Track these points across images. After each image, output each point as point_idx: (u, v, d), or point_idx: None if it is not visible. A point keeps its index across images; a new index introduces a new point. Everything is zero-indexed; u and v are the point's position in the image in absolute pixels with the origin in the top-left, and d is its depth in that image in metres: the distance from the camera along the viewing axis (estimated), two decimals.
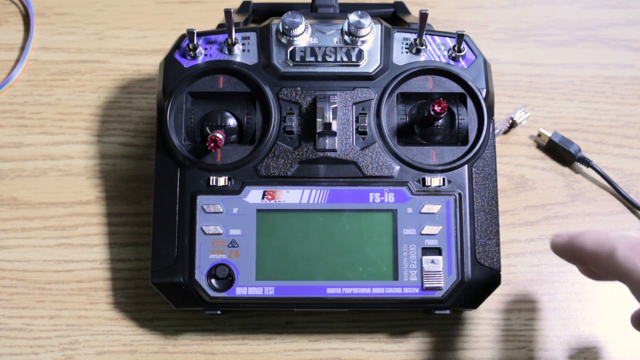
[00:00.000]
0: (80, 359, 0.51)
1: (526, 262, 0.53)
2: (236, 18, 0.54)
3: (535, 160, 0.56)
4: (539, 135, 0.56)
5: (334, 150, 0.48)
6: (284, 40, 0.49)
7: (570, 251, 0.42)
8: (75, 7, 0.61)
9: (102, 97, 0.58)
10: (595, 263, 0.40)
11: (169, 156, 0.48)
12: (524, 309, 0.52)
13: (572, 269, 0.53)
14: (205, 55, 0.49)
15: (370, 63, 0.49)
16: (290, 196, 0.47)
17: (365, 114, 0.48)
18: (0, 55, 0.59)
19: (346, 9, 0.56)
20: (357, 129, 0.48)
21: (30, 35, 0.59)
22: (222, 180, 0.48)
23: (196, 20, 0.61)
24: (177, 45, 0.50)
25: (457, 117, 0.49)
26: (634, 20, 0.61)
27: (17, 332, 0.51)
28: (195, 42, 0.49)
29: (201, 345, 0.51)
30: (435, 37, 0.50)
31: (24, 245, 0.53)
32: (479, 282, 0.47)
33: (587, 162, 0.55)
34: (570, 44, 0.60)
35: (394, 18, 0.59)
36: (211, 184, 0.48)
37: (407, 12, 0.59)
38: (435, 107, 0.47)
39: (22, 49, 0.60)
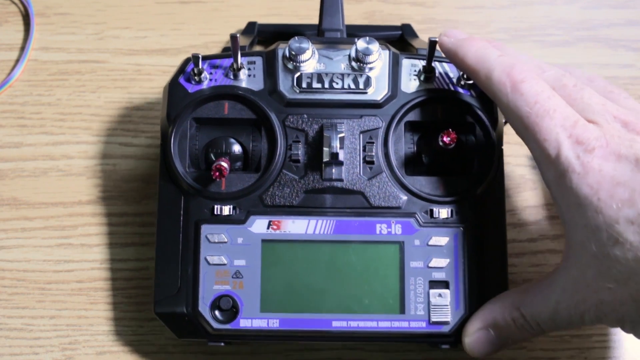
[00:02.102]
0: (80, 359, 0.51)
1: (526, 262, 0.53)
2: (241, 40, 0.53)
3: None
4: None
5: (341, 180, 0.47)
6: (290, 66, 0.48)
7: (453, 59, 0.46)
8: (75, 7, 0.61)
9: (102, 97, 0.58)
10: (475, 80, 0.45)
11: (173, 183, 0.48)
12: None
13: None
14: (210, 80, 0.48)
15: (378, 90, 0.48)
16: (296, 226, 0.47)
17: (373, 143, 0.47)
18: (0, 55, 0.59)
19: (353, 31, 0.56)
20: (364, 158, 0.47)
21: (30, 35, 0.59)
22: (226, 210, 0.47)
23: (196, 20, 0.61)
24: (181, 69, 0.49)
25: (465, 147, 0.49)
26: (634, 20, 0.61)
27: (17, 332, 0.51)
28: (200, 67, 0.48)
29: (201, 345, 0.51)
30: (444, 64, 0.49)
31: (24, 245, 0.53)
32: None
33: None
34: (570, 44, 0.60)
35: (401, 41, 0.58)
36: (215, 213, 0.47)
37: (414, 35, 0.58)
38: (445, 138, 0.46)
39: (22, 49, 0.60)
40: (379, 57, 0.48)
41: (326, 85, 0.48)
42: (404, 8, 0.61)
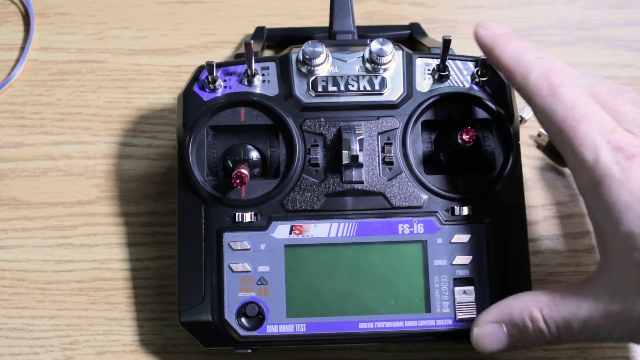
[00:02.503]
0: (80, 359, 0.51)
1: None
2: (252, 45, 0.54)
3: (535, 160, 0.56)
4: (539, 135, 0.56)
5: (361, 182, 0.47)
6: (304, 70, 0.48)
7: (489, 54, 0.45)
8: (75, 7, 0.61)
9: (102, 97, 0.58)
10: (510, 80, 0.44)
11: (192, 192, 0.47)
12: None
13: (572, 270, 0.53)
14: (225, 87, 0.48)
15: (393, 91, 0.48)
16: (318, 230, 0.47)
17: (391, 143, 0.48)
18: (0, 55, 0.59)
19: (361, 32, 0.55)
20: (383, 159, 0.47)
21: (30, 35, 0.59)
22: (248, 216, 0.47)
23: (196, 20, 0.61)
24: (195, 78, 0.49)
25: (483, 144, 0.49)
26: (634, 20, 0.61)
27: (17, 332, 0.51)
28: (214, 74, 0.48)
29: (201, 345, 0.51)
30: (458, 62, 0.49)
31: (24, 245, 0.53)
32: None
33: None
34: (570, 44, 0.60)
35: (410, 40, 0.58)
36: (237, 220, 0.47)
37: (423, 34, 0.58)
38: (464, 136, 0.46)
39: (22, 49, 0.60)
40: (392, 58, 0.48)
41: (342, 88, 0.48)
42: (404, 8, 0.61)
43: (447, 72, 0.49)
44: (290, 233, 0.47)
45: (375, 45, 0.47)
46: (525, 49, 0.43)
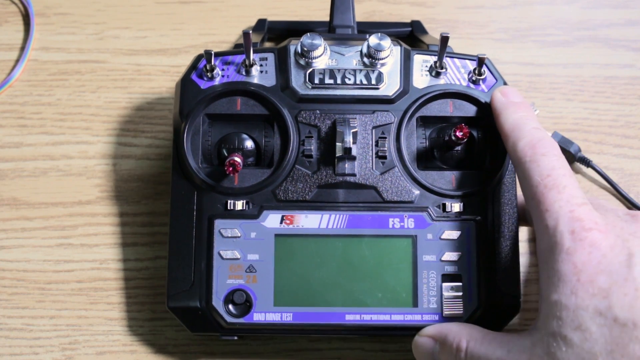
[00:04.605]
0: (80, 359, 0.51)
1: (526, 262, 0.53)
2: (252, 37, 0.54)
3: None
4: None
5: (354, 175, 0.47)
6: (302, 62, 0.48)
7: (496, 119, 0.46)
8: (75, 7, 0.61)
9: (102, 97, 0.58)
10: (505, 144, 0.45)
11: (186, 179, 0.48)
12: (523, 308, 0.51)
13: None
14: (223, 76, 0.49)
15: (390, 86, 0.48)
16: (309, 221, 0.47)
17: (385, 137, 0.48)
18: (0, 55, 0.59)
19: (363, 28, 0.56)
20: (376, 153, 0.48)
21: (30, 35, 0.59)
22: (239, 204, 0.47)
23: (196, 20, 0.61)
24: (193, 66, 0.49)
25: (477, 142, 0.49)
26: (634, 20, 0.61)
27: (17, 332, 0.51)
28: (212, 63, 0.48)
29: (201, 345, 0.51)
30: (455, 60, 0.49)
31: (24, 245, 0.53)
32: (499, 309, 0.46)
33: (587, 162, 0.55)
34: (570, 44, 0.60)
35: (411, 37, 0.58)
36: (229, 208, 0.47)
37: (424, 31, 0.58)
38: (457, 133, 0.46)
39: (22, 49, 0.60)
40: (390, 53, 0.48)
41: (338, 81, 0.48)
42: (404, 8, 0.61)
43: (444, 70, 0.49)
44: (281, 223, 0.47)
45: (373, 40, 0.48)
46: (527, 119, 0.44)
